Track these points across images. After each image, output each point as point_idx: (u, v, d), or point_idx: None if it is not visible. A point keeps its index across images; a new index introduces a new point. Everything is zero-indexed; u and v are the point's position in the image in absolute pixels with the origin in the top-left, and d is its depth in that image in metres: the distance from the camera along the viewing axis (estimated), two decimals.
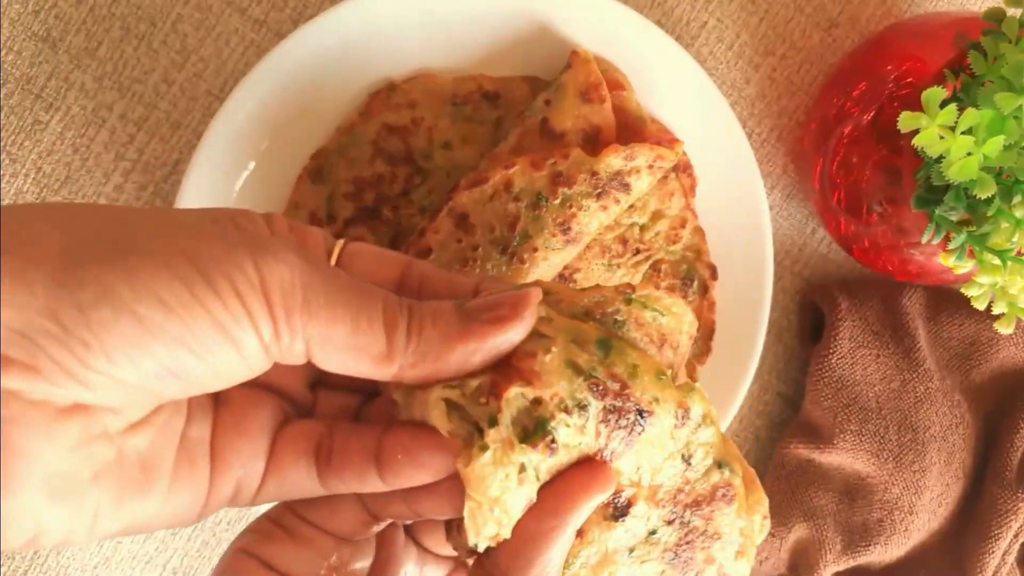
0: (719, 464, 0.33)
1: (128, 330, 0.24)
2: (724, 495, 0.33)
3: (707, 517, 0.33)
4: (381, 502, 0.32)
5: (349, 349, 0.28)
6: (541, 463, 0.29)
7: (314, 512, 0.32)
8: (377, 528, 0.33)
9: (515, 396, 0.29)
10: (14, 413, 0.24)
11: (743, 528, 0.34)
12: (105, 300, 0.24)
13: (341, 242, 0.32)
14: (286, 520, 0.32)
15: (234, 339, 0.26)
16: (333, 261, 0.31)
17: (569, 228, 0.48)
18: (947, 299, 0.57)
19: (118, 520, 0.27)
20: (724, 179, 0.52)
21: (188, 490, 0.29)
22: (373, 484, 0.30)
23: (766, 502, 0.34)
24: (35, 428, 0.24)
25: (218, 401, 0.31)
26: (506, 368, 0.29)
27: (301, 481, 0.31)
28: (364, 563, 0.33)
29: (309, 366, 0.31)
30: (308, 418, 0.32)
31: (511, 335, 0.29)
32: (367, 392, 0.34)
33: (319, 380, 0.33)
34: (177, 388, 0.27)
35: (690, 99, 0.51)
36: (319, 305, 0.27)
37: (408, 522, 0.34)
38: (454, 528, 0.32)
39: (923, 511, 0.55)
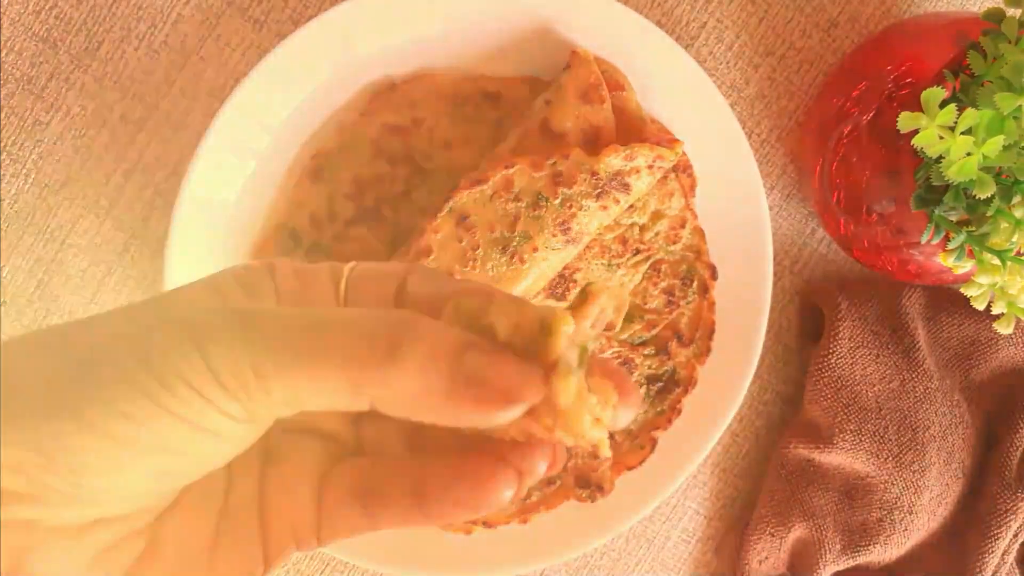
0: None
1: (107, 450, 0.25)
2: None
3: None
4: None
5: (321, 395, 0.27)
6: None
7: None
8: None
9: None
10: (34, 541, 0.25)
11: None
12: (79, 428, 0.25)
13: (348, 268, 0.31)
14: None
15: (207, 429, 0.26)
16: (341, 290, 0.31)
17: (569, 228, 0.49)
18: (947, 299, 0.57)
19: None
20: (724, 179, 0.52)
21: (236, 556, 0.29)
22: (417, 520, 0.30)
23: None
24: (54, 549, 0.26)
25: (265, 456, 0.31)
26: None
27: (351, 522, 0.30)
28: None
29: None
30: (356, 454, 0.32)
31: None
32: None
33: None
34: (174, 481, 0.27)
35: (690, 99, 0.51)
36: (269, 371, 0.27)
37: None
38: None
39: (923, 511, 0.55)
